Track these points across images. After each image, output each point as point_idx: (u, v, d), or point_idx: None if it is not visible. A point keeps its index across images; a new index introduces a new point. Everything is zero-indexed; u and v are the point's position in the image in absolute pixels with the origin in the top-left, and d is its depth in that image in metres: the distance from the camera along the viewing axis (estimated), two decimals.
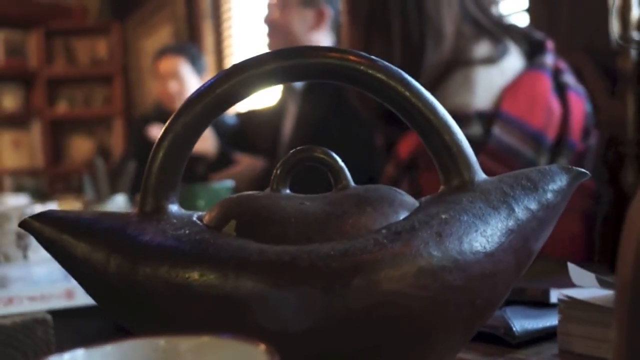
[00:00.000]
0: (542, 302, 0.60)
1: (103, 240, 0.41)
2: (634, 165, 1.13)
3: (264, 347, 0.28)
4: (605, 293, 0.51)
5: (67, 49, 4.25)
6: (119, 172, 1.43)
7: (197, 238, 0.40)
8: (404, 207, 0.42)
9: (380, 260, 0.38)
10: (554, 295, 0.59)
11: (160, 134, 0.43)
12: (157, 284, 0.39)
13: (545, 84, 1.04)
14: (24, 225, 0.43)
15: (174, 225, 0.42)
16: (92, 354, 0.30)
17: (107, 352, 0.30)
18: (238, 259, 0.38)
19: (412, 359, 0.41)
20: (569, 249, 1.00)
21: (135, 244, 0.41)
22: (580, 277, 0.52)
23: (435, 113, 0.43)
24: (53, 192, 3.85)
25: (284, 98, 1.94)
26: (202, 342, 0.31)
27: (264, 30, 1.83)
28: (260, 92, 0.44)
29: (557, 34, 1.31)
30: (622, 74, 1.14)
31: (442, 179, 0.44)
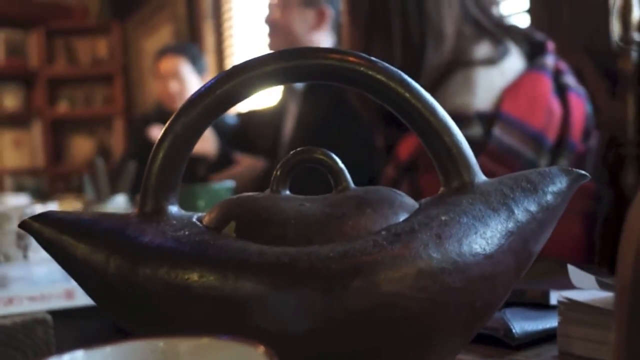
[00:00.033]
0: (542, 303, 0.60)
1: (103, 242, 0.41)
2: (635, 167, 1.13)
3: (263, 348, 0.28)
4: (605, 295, 0.51)
5: (67, 49, 4.25)
6: (119, 172, 1.43)
7: (196, 239, 0.40)
8: (404, 208, 0.42)
9: (380, 262, 0.38)
10: (554, 297, 0.59)
11: (160, 135, 0.43)
12: (156, 285, 0.39)
13: (546, 85, 1.04)
14: (24, 226, 0.43)
15: (174, 227, 0.42)
16: (91, 356, 0.30)
17: (106, 353, 0.30)
18: (238, 261, 0.38)
19: None
20: (569, 250, 1.00)
21: (135, 245, 0.41)
22: (580, 279, 0.52)
23: (435, 114, 0.43)
24: (53, 191, 3.85)
25: (285, 98, 1.94)
26: (201, 343, 0.31)
27: (265, 31, 1.83)
28: (261, 92, 0.44)
29: (557, 35, 1.31)
30: (622, 75, 1.14)
31: (441, 181, 0.44)
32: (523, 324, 0.54)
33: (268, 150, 1.95)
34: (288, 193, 0.45)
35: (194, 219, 0.43)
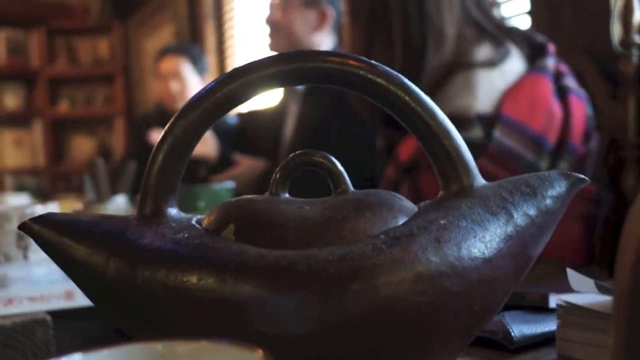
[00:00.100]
0: (540, 307, 0.60)
1: (102, 244, 0.41)
2: (635, 169, 1.13)
3: (262, 352, 0.29)
4: (604, 299, 0.51)
5: (68, 49, 4.26)
6: (120, 172, 1.43)
7: (195, 242, 0.40)
8: (403, 212, 0.42)
9: (379, 266, 0.38)
10: (553, 301, 0.59)
11: (160, 137, 0.43)
12: (155, 288, 0.39)
13: (547, 87, 1.04)
14: (24, 228, 0.43)
15: (173, 229, 0.42)
16: (89, 359, 0.30)
17: (104, 356, 0.30)
18: (237, 263, 0.38)
19: None
20: (569, 253, 1.00)
21: (134, 248, 0.41)
22: (579, 282, 0.52)
23: (435, 118, 0.43)
24: (54, 191, 3.86)
25: (285, 99, 1.94)
26: (199, 346, 0.31)
27: (266, 31, 1.83)
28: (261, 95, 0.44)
29: (558, 37, 1.31)
30: (623, 78, 1.14)
31: (441, 184, 0.44)
32: (522, 327, 0.54)
33: (268, 151, 1.95)
34: (287, 196, 0.45)
35: (193, 222, 0.43)
